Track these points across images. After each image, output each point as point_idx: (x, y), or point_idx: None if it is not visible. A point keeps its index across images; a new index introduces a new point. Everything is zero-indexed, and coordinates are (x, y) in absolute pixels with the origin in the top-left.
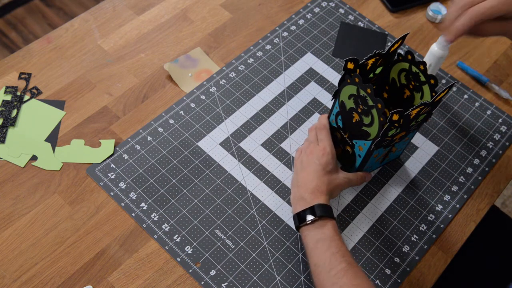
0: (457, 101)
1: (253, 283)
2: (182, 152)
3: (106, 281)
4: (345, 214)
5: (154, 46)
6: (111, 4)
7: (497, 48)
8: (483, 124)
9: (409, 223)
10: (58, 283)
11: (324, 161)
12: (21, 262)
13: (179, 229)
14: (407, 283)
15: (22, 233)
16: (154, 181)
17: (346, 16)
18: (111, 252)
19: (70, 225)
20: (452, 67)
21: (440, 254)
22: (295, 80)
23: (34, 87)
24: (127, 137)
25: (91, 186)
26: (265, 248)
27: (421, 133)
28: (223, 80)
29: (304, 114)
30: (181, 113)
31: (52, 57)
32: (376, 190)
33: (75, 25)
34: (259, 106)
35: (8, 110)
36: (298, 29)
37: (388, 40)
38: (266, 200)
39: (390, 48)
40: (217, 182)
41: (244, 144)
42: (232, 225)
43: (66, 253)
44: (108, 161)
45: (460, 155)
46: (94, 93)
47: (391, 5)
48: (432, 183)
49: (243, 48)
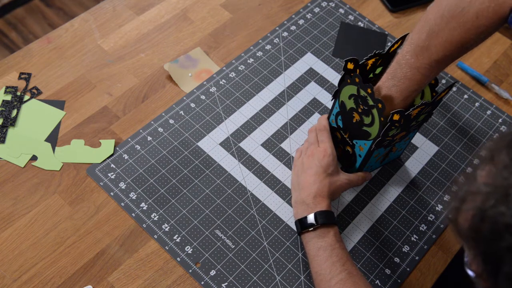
0: (457, 101)
1: (253, 283)
2: (182, 152)
3: (106, 281)
4: (345, 214)
5: (154, 46)
6: (111, 4)
7: (497, 48)
8: (483, 124)
9: (409, 223)
10: (58, 283)
11: (325, 163)
12: (21, 262)
13: (179, 229)
14: (407, 283)
15: (22, 233)
16: (154, 181)
17: (346, 16)
18: (111, 252)
19: (70, 225)
20: (452, 67)
21: (440, 254)
22: (295, 80)
23: (34, 87)
24: (127, 137)
25: (91, 186)
26: (265, 248)
27: (421, 133)
28: (223, 80)
29: (304, 114)
30: (181, 113)
31: (52, 57)
32: (376, 190)
33: (75, 25)
34: (259, 106)
35: (8, 110)
36: (298, 29)
37: (388, 40)
38: (266, 200)
39: (390, 48)
40: (217, 182)
41: (244, 144)
42: (232, 225)
43: (66, 253)
44: (108, 161)
45: (460, 155)
46: (94, 93)
47: (391, 5)
48: (432, 183)
49: (243, 48)
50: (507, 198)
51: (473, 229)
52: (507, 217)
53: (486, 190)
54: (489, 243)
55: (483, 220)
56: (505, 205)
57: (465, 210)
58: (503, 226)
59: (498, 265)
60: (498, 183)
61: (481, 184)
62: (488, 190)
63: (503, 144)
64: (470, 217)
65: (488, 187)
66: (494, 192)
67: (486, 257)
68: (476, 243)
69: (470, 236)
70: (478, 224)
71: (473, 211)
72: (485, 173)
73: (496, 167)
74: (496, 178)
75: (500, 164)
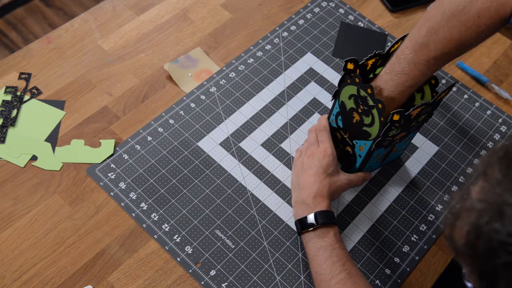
0: (457, 101)
1: (253, 283)
2: (182, 152)
3: (106, 281)
4: (345, 214)
5: (154, 46)
6: (111, 4)
7: (497, 48)
8: (483, 124)
9: (409, 223)
10: (58, 283)
11: (325, 163)
12: (21, 262)
13: (179, 229)
14: (407, 283)
15: (22, 233)
16: (154, 181)
17: (346, 16)
18: (111, 252)
19: (70, 225)
20: (452, 67)
21: (440, 254)
22: (295, 80)
23: (34, 87)
24: (127, 137)
25: (91, 186)
26: (265, 248)
27: (421, 133)
28: (223, 80)
29: (304, 114)
30: (181, 113)
31: (52, 57)
32: (376, 190)
33: (75, 25)
34: (259, 106)
35: (8, 110)
36: (298, 29)
37: (388, 40)
38: (266, 200)
39: (390, 48)
40: (217, 182)
41: (244, 144)
42: (232, 225)
43: (66, 253)
44: (108, 161)
45: (460, 155)
46: (94, 93)
47: (391, 5)
48: (432, 183)
49: (243, 48)
50: (501, 215)
51: (468, 246)
52: (501, 235)
53: (480, 207)
54: (485, 260)
55: (478, 237)
56: (499, 222)
57: (460, 226)
58: (498, 244)
59: (494, 282)
60: (492, 200)
61: (475, 200)
62: (482, 207)
63: (495, 160)
64: (465, 234)
65: (482, 203)
66: (488, 208)
67: (482, 274)
68: (472, 260)
69: (466, 253)
70: (473, 241)
71: (468, 227)
72: (478, 188)
73: (490, 183)
74: (489, 195)
75: (493, 180)
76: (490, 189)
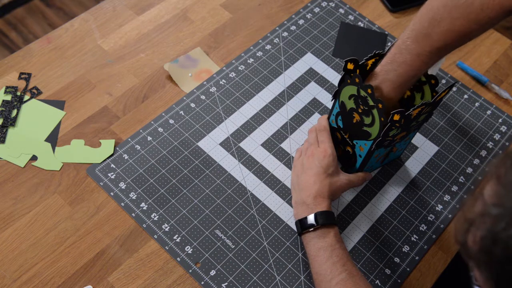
0: (457, 101)
1: (253, 283)
2: (182, 152)
3: (106, 281)
4: (345, 214)
5: (154, 46)
6: (111, 4)
7: (497, 48)
8: (483, 124)
9: (409, 223)
10: (58, 283)
11: (325, 163)
12: (21, 262)
13: (179, 229)
14: (407, 283)
15: (22, 233)
16: (154, 181)
17: (346, 16)
18: (111, 252)
19: (70, 225)
20: (452, 67)
21: (440, 254)
22: (295, 80)
23: (34, 87)
24: (127, 137)
25: (91, 186)
26: (265, 248)
27: (421, 133)
28: (223, 80)
29: (304, 114)
30: (181, 113)
31: (52, 57)
32: (376, 190)
33: (75, 25)
34: (259, 106)
35: (8, 110)
36: (298, 29)
37: (388, 40)
38: (266, 200)
39: (390, 48)
40: (217, 182)
41: (244, 144)
42: (232, 225)
43: (66, 253)
44: (108, 161)
45: (460, 155)
46: (94, 93)
47: (391, 5)
48: (432, 183)
49: (243, 48)
50: None
51: (484, 252)
52: None
53: (496, 212)
54: (502, 268)
55: (495, 243)
56: None
57: (474, 231)
58: None
59: None
60: (508, 205)
61: (490, 206)
62: (498, 212)
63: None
64: (479, 239)
65: (497, 208)
66: (505, 214)
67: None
68: (488, 267)
69: (481, 260)
70: (489, 247)
71: (483, 232)
72: (492, 192)
73: (505, 188)
74: (505, 199)
75: (509, 184)
76: (505, 193)
